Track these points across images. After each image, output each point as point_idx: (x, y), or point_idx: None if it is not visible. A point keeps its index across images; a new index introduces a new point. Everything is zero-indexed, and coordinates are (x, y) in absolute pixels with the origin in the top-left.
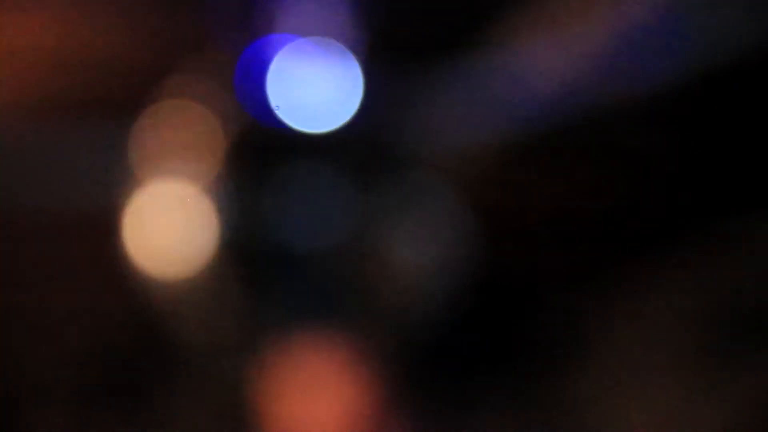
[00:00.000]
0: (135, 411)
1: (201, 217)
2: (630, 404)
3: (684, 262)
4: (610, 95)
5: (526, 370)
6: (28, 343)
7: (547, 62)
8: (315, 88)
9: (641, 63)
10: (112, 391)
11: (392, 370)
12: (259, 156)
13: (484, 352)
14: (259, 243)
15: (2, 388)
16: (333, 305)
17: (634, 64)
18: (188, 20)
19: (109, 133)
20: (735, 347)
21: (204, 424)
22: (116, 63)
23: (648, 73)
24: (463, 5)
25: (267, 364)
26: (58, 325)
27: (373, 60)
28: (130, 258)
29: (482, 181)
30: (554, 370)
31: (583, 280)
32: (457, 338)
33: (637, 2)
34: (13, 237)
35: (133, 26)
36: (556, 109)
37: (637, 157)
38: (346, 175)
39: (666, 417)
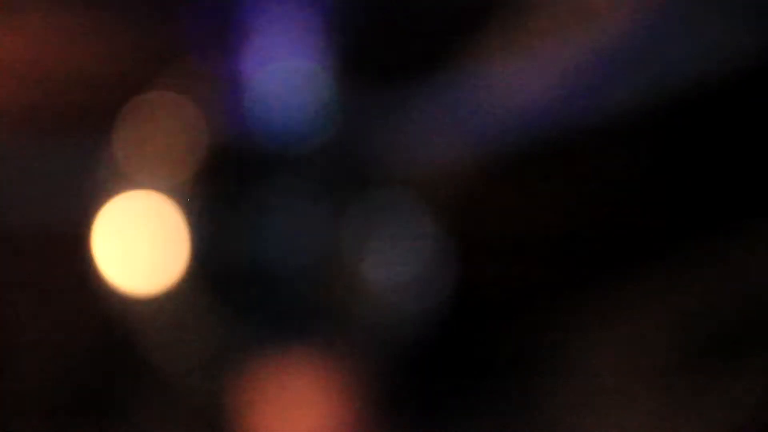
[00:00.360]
0: (106, 426)
1: (174, 232)
2: (610, 420)
3: (673, 272)
4: (592, 112)
5: (508, 386)
6: (7, 356)
7: (527, 78)
8: (290, 106)
9: (626, 77)
10: (85, 408)
11: (372, 387)
12: (235, 172)
13: (465, 368)
14: (232, 259)
15: None
16: (309, 323)
17: (619, 79)
18: (164, 34)
19: (82, 146)
20: (727, 353)
21: None
22: (90, 75)
23: (634, 87)
24: (442, 21)
25: (243, 382)
26: (29, 340)
27: (349, 76)
28: (102, 273)
29: (460, 199)
30: (536, 387)
31: (565, 295)
32: (438, 355)
33: (623, 16)
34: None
35: (108, 38)
36: (536, 126)
37: (622, 174)
38: (322, 193)
39: (658, 424)
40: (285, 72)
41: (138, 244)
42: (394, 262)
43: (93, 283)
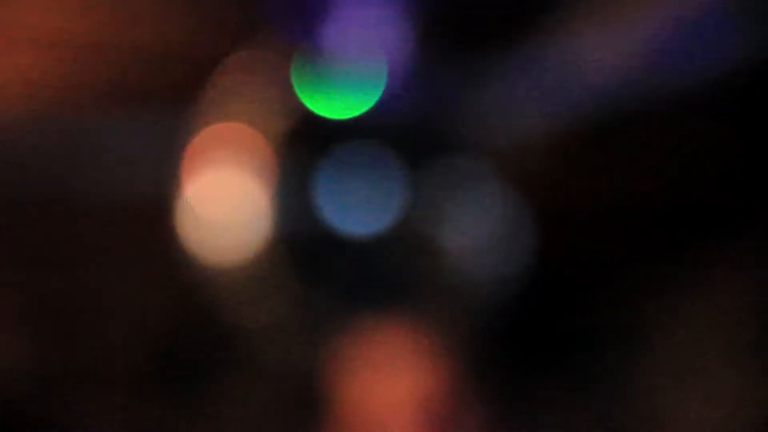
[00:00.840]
0: (188, 400)
1: (254, 205)
2: (688, 396)
3: (749, 250)
4: (672, 84)
5: (586, 360)
6: (79, 330)
7: (602, 52)
8: (370, 76)
9: (699, 53)
10: (164, 380)
11: (456, 355)
12: (312, 144)
13: (543, 341)
14: (313, 229)
15: (56, 373)
16: (390, 293)
17: (692, 55)
18: (243, 8)
19: (163, 120)
20: None
21: (259, 414)
22: (171, 52)
23: (706, 64)
24: None
25: (326, 352)
26: (110, 312)
27: (428, 48)
28: (184, 247)
29: (539, 170)
30: (615, 362)
31: (640, 270)
32: (517, 326)
33: None
34: (68, 225)
35: (187, 15)
36: (616, 99)
37: (703, 148)
38: (402, 162)
39: (725, 411)
40: (365, 43)
41: (219, 217)
42: (473, 232)
43: (176, 254)
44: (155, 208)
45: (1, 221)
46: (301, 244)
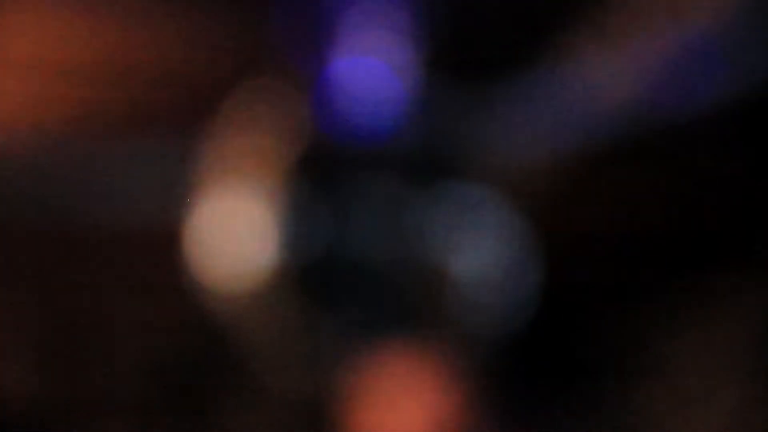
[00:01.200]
0: (198, 425)
1: (265, 230)
2: (699, 418)
3: (751, 276)
4: (679, 109)
5: (598, 382)
6: (91, 355)
7: (608, 79)
8: (378, 104)
9: (708, 76)
10: (174, 405)
11: (467, 381)
12: (323, 169)
13: (554, 365)
14: (322, 256)
15: (64, 399)
16: (401, 319)
17: (701, 78)
18: (255, 35)
19: (175, 146)
20: None
21: None
22: (185, 76)
23: (721, 85)
24: (526, 18)
25: (337, 378)
26: (121, 337)
27: (436, 74)
28: (194, 272)
29: (547, 196)
30: (625, 384)
31: (646, 293)
32: (526, 352)
33: (703, 15)
34: (78, 251)
35: (201, 40)
36: (622, 124)
37: (712, 172)
38: (410, 189)
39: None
40: (372, 71)
41: (230, 242)
42: (481, 258)
43: (185, 280)
44: (164, 235)
45: (10, 248)
46: (311, 271)
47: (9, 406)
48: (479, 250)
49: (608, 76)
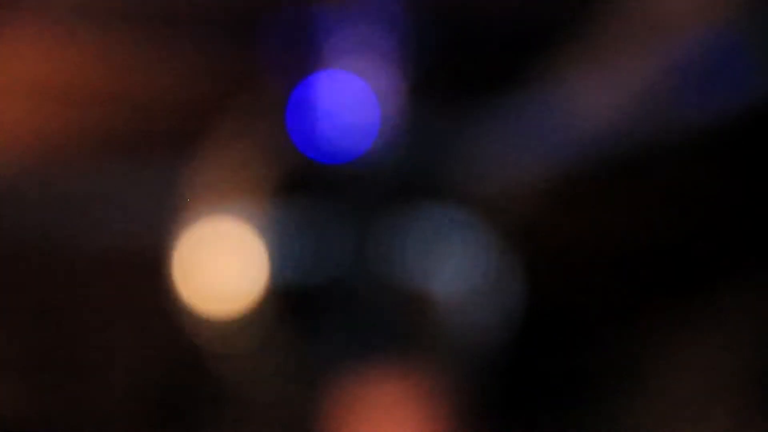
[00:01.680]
0: None
1: (251, 253)
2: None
3: (740, 291)
4: (665, 128)
5: (586, 398)
6: (78, 375)
7: (596, 98)
8: (363, 125)
9: (694, 96)
10: (161, 425)
11: (450, 402)
12: (305, 190)
13: (541, 381)
14: (307, 278)
15: (51, 418)
16: (387, 338)
17: (687, 98)
18: (239, 58)
19: (161, 170)
20: None
21: None
22: (168, 100)
23: (701, 107)
24: (510, 41)
25: (325, 398)
26: (106, 361)
27: (421, 95)
28: (180, 293)
29: (531, 215)
30: (612, 401)
31: (633, 312)
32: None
33: (689, 35)
34: (65, 272)
35: (183, 63)
36: (607, 144)
37: (697, 190)
38: (395, 210)
39: None
40: (354, 91)
41: (215, 266)
42: (463, 278)
43: (172, 303)
44: (152, 257)
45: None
46: (297, 294)
47: None
48: (460, 269)
49: (596, 98)
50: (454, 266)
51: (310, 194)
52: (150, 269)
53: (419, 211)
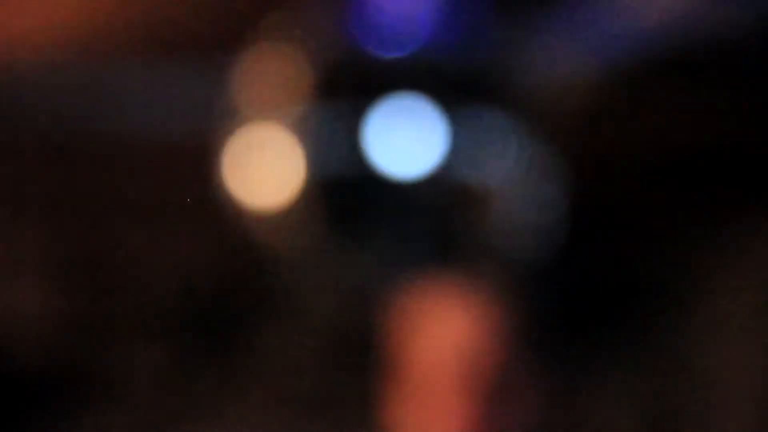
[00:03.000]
0: (228, 346)
1: (296, 149)
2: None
3: None
4: (713, 27)
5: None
6: (126, 277)
7: None
8: (406, 23)
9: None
10: (204, 326)
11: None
12: (353, 88)
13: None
14: (353, 174)
15: (92, 319)
16: (431, 243)
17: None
18: None
19: (208, 70)
20: None
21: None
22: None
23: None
24: None
25: (368, 303)
26: (147, 261)
27: None
28: (229, 191)
29: (578, 115)
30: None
31: (685, 214)
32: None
33: None
34: (116, 169)
35: None
36: (655, 43)
37: (744, 90)
38: (441, 108)
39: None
40: None
41: (263, 162)
42: (510, 180)
43: (218, 200)
44: (197, 152)
45: (37, 167)
46: (342, 190)
47: (35, 326)
48: (508, 170)
49: None
50: (501, 165)
51: (357, 89)
52: (196, 165)
53: (469, 109)
